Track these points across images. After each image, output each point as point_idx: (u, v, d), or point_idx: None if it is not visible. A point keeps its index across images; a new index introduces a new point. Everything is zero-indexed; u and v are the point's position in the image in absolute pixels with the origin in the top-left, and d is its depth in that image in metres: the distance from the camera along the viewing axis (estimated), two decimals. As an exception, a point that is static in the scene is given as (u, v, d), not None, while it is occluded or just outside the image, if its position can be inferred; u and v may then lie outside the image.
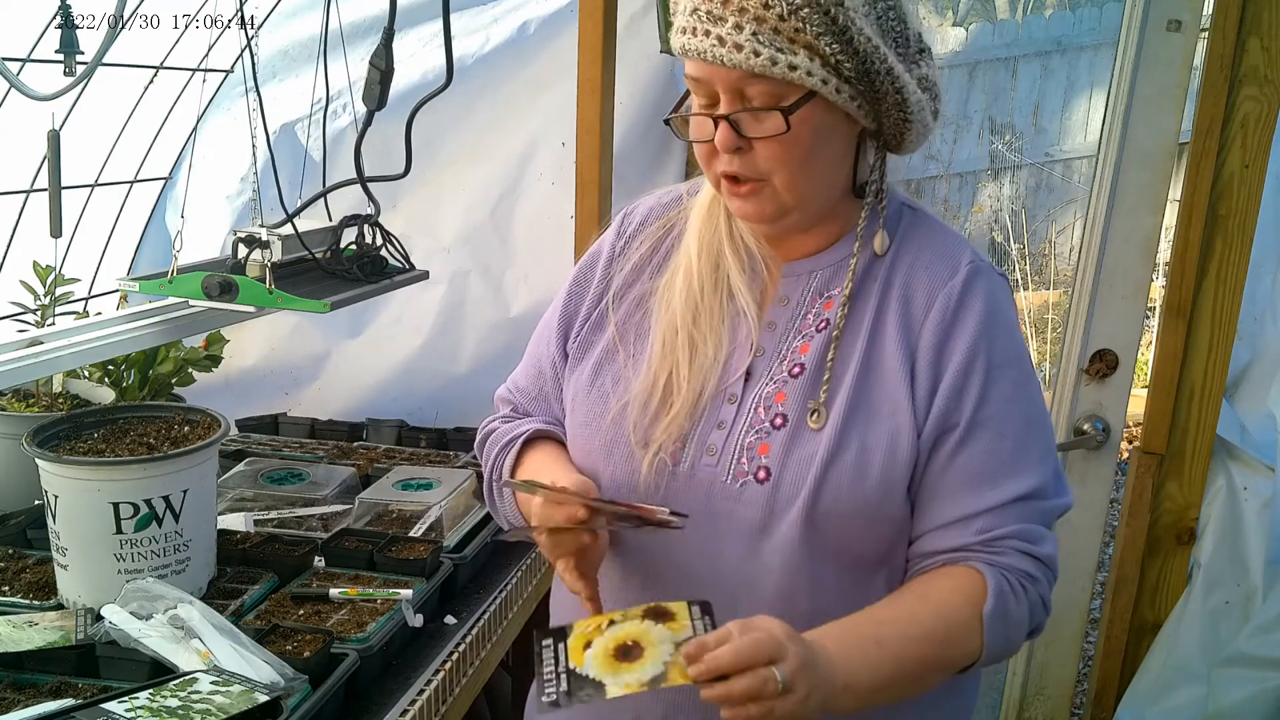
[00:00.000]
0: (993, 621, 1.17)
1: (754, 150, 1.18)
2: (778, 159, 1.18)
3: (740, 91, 1.15)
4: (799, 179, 1.20)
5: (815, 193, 1.23)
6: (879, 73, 1.15)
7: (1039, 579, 1.22)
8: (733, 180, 1.21)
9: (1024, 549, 1.21)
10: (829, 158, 1.22)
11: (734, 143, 1.17)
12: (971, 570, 1.20)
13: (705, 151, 1.22)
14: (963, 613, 1.18)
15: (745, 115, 1.16)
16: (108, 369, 2.11)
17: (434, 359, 2.74)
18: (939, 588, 1.21)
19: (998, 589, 1.18)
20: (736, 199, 1.23)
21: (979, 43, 6.05)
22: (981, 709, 2.72)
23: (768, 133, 1.16)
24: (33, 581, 1.71)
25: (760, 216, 1.23)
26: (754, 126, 1.17)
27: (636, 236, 1.39)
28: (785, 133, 1.15)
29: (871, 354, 1.24)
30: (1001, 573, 1.20)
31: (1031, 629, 1.23)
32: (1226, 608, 2.27)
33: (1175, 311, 2.23)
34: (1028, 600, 1.21)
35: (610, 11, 2.25)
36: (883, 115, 1.20)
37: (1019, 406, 1.23)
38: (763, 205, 1.22)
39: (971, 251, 1.28)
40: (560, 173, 2.59)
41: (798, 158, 1.18)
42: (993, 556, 1.21)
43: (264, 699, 1.33)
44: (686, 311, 1.29)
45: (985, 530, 1.21)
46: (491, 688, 2.21)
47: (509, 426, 1.43)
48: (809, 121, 1.16)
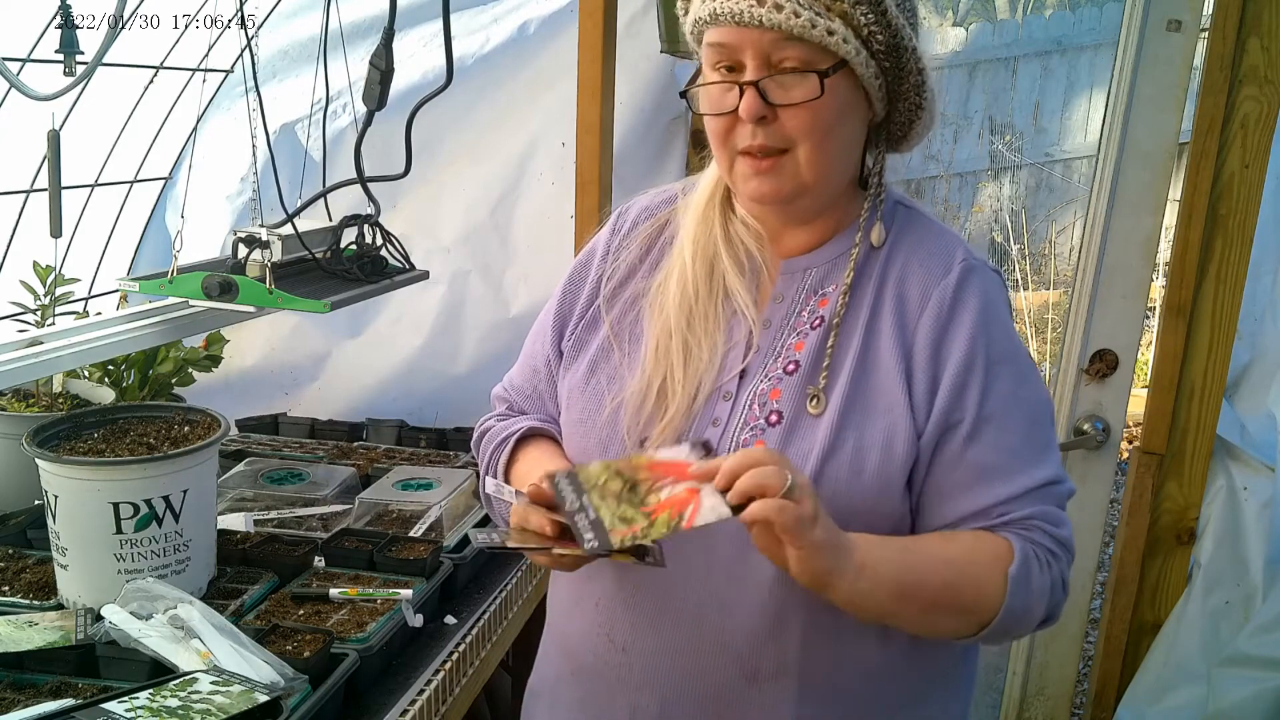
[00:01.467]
0: (1016, 583, 1.18)
1: (779, 120, 1.18)
2: (804, 128, 1.18)
3: (769, 58, 1.15)
4: (821, 153, 1.20)
5: (831, 173, 1.23)
6: (907, 49, 1.17)
7: (1061, 556, 1.23)
8: (752, 156, 1.20)
9: (1047, 529, 1.22)
10: (847, 137, 1.23)
11: (760, 110, 1.17)
12: (999, 537, 1.21)
13: (724, 126, 1.21)
14: (988, 568, 1.19)
15: (773, 83, 1.16)
16: (108, 369, 2.11)
17: (434, 359, 2.74)
18: (969, 538, 1.22)
19: (1024, 554, 1.19)
20: (755, 177, 1.22)
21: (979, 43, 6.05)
22: (981, 709, 2.72)
23: (798, 99, 1.16)
24: (33, 581, 1.71)
25: (777, 194, 1.23)
26: (782, 94, 1.17)
27: (631, 235, 1.40)
28: (817, 99, 1.15)
29: (867, 350, 1.24)
30: (1029, 543, 1.21)
31: (1049, 610, 1.23)
32: (1226, 608, 2.27)
33: (1175, 311, 2.23)
34: (1049, 575, 1.21)
35: (610, 11, 2.25)
36: (899, 98, 1.21)
37: (1022, 400, 1.24)
38: (781, 182, 1.21)
39: (965, 249, 1.29)
40: (560, 173, 2.59)
41: (822, 128, 1.18)
42: (1020, 531, 1.22)
43: (264, 699, 1.33)
44: (680, 316, 1.29)
45: (1005, 514, 1.21)
46: (491, 688, 2.21)
47: (504, 425, 1.43)
48: (837, 92, 1.17)
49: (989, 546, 1.20)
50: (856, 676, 1.26)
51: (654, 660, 1.28)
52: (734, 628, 1.23)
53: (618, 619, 1.30)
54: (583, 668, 1.36)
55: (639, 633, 1.29)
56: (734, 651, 1.24)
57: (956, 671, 1.34)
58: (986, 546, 1.20)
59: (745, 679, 1.25)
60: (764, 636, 1.23)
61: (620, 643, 1.30)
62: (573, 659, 1.38)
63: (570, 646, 1.39)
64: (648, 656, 1.29)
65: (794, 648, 1.23)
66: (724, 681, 1.26)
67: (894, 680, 1.28)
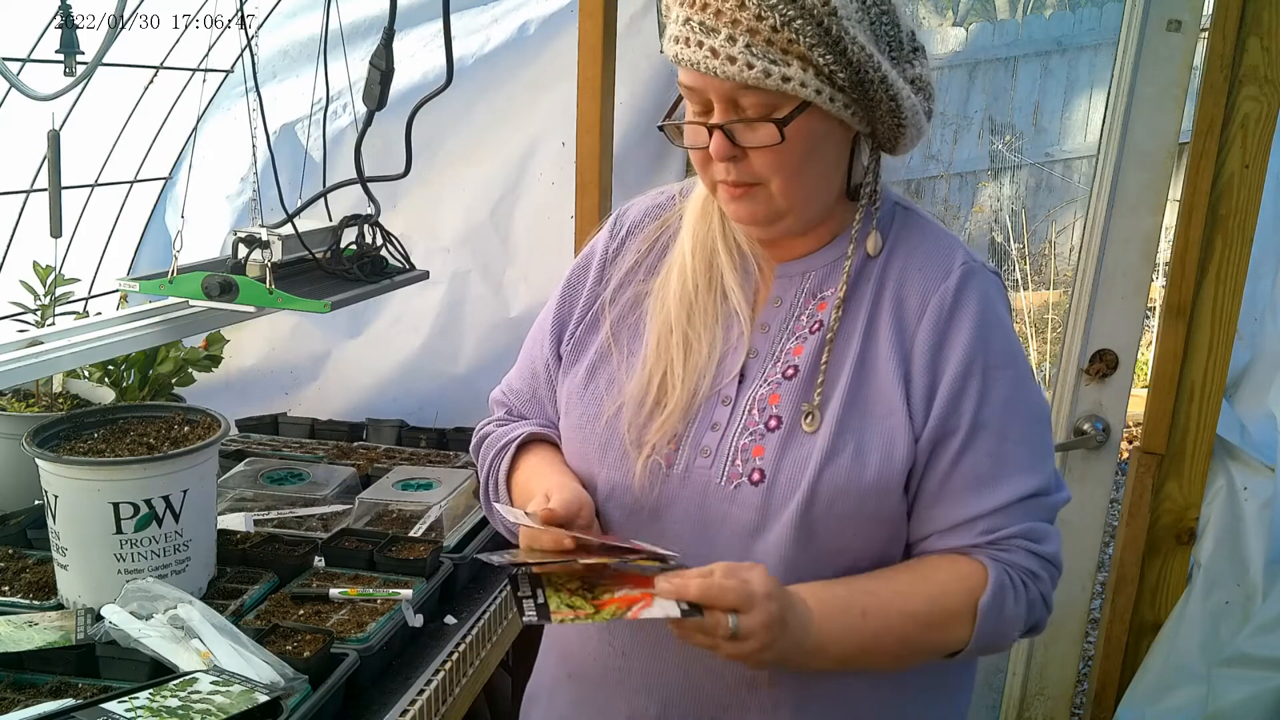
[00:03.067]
0: (986, 614, 1.18)
1: (749, 158, 1.18)
2: (772, 167, 1.18)
3: (734, 101, 1.15)
4: (794, 185, 1.20)
5: (810, 197, 1.23)
6: (872, 81, 1.15)
7: (1042, 576, 1.23)
8: (728, 185, 1.21)
9: (1029, 547, 1.22)
10: (823, 164, 1.22)
11: (729, 151, 1.17)
12: (975, 562, 1.21)
13: (700, 159, 1.22)
14: (957, 601, 1.19)
15: (739, 125, 1.16)
16: (108, 369, 2.11)
17: (434, 359, 2.74)
18: (940, 571, 1.22)
19: (998, 583, 1.19)
20: (732, 202, 1.23)
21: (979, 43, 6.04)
22: (981, 709, 2.72)
23: (762, 142, 1.16)
24: (33, 581, 1.71)
25: (754, 220, 1.23)
26: (748, 136, 1.17)
27: (631, 238, 1.39)
28: (780, 143, 1.15)
29: (866, 356, 1.24)
30: (1005, 568, 1.21)
31: (1031, 626, 1.24)
32: (1226, 608, 2.27)
33: (1175, 311, 2.23)
34: (1027, 598, 1.22)
35: (610, 11, 2.25)
36: (876, 121, 1.20)
37: (1018, 406, 1.23)
38: (756, 208, 1.22)
39: (965, 251, 1.28)
40: (560, 173, 2.59)
41: (792, 165, 1.18)
42: (997, 553, 1.21)
43: (264, 699, 1.33)
44: (681, 310, 1.29)
45: (990, 530, 1.21)
46: (491, 688, 2.21)
47: (503, 430, 1.42)
48: (803, 130, 1.16)
49: (963, 580, 1.20)
50: (855, 680, 1.26)
51: (653, 664, 1.28)
52: None
53: (617, 623, 1.29)
54: (581, 671, 1.36)
55: (638, 637, 1.28)
56: None
57: (955, 672, 1.34)
58: (960, 582, 1.21)
59: (744, 682, 1.25)
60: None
61: (619, 646, 1.30)
62: (571, 663, 1.38)
63: (568, 650, 1.39)
64: (647, 660, 1.28)
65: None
66: (723, 685, 1.26)
67: (892, 682, 1.28)
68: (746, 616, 1.08)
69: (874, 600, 1.19)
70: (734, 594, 1.08)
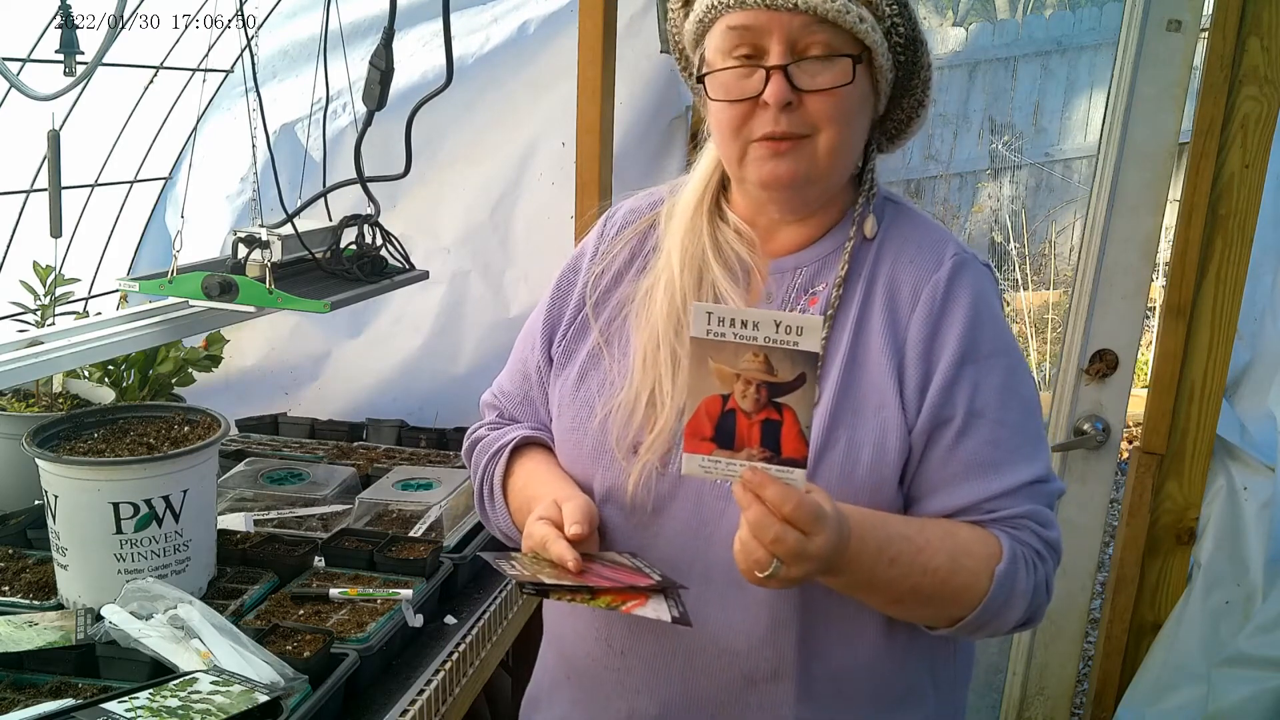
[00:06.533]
0: (1002, 580, 1.18)
1: (804, 105, 1.17)
2: (828, 114, 1.18)
3: (795, 43, 1.15)
4: (840, 140, 1.20)
5: (843, 163, 1.24)
6: (923, 43, 1.18)
7: (1047, 559, 1.23)
8: (772, 140, 1.19)
9: (1037, 530, 1.22)
10: (860, 128, 1.23)
11: (788, 95, 1.16)
12: (990, 533, 1.21)
13: (740, 113, 1.20)
14: (976, 562, 1.18)
15: (798, 69, 1.16)
16: (108, 369, 2.11)
17: (434, 359, 2.74)
18: (965, 529, 1.21)
19: (1013, 553, 1.19)
20: (772, 159, 1.20)
21: (979, 43, 6.05)
22: (981, 709, 2.72)
23: (825, 85, 1.16)
24: (33, 581, 1.71)
25: (793, 177, 1.21)
26: (809, 80, 1.16)
27: (618, 240, 1.39)
28: (847, 84, 1.15)
29: (857, 348, 1.24)
30: (1017, 543, 1.21)
31: (1030, 611, 1.23)
32: (1226, 608, 2.27)
33: (1175, 311, 2.23)
34: (1034, 579, 1.21)
35: (610, 11, 2.25)
36: (906, 94, 1.22)
37: (1014, 394, 1.24)
38: (798, 165, 1.20)
39: (955, 244, 1.29)
40: (560, 173, 2.59)
41: (845, 115, 1.19)
42: (1011, 530, 1.22)
43: (264, 699, 1.33)
44: (669, 326, 1.27)
45: (996, 510, 1.21)
46: (491, 688, 2.21)
47: (496, 434, 1.42)
48: (859, 82, 1.18)
49: (984, 543, 1.20)
50: (854, 676, 1.26)
51: (652, 664, 1.28)
52: (732, 630, 1.23)
53: (615, 623, 1.29)
54: (581, 672, 1.36)
55: (637, 637, 1.29)
56: (732, 653, 1.24)
57: (953, 670, 1.35)
58: (981, 544, 1.20)
59: (744, 681, 1.25)
60: (762, 638, 1.23)
61: (618, 647, 1.30)
62: (570, 664, 1.38)
63: (568, 651, 1.39)
64: (646, 660, 1.28)
65: (792, 649, 1.23)
66: (722, 684, 1.26)
67: (891, 679, 1.28)
68: (812, 540, 1.05)
69: (905, 548, 1.17)
70: (808, 512, 1.04)
